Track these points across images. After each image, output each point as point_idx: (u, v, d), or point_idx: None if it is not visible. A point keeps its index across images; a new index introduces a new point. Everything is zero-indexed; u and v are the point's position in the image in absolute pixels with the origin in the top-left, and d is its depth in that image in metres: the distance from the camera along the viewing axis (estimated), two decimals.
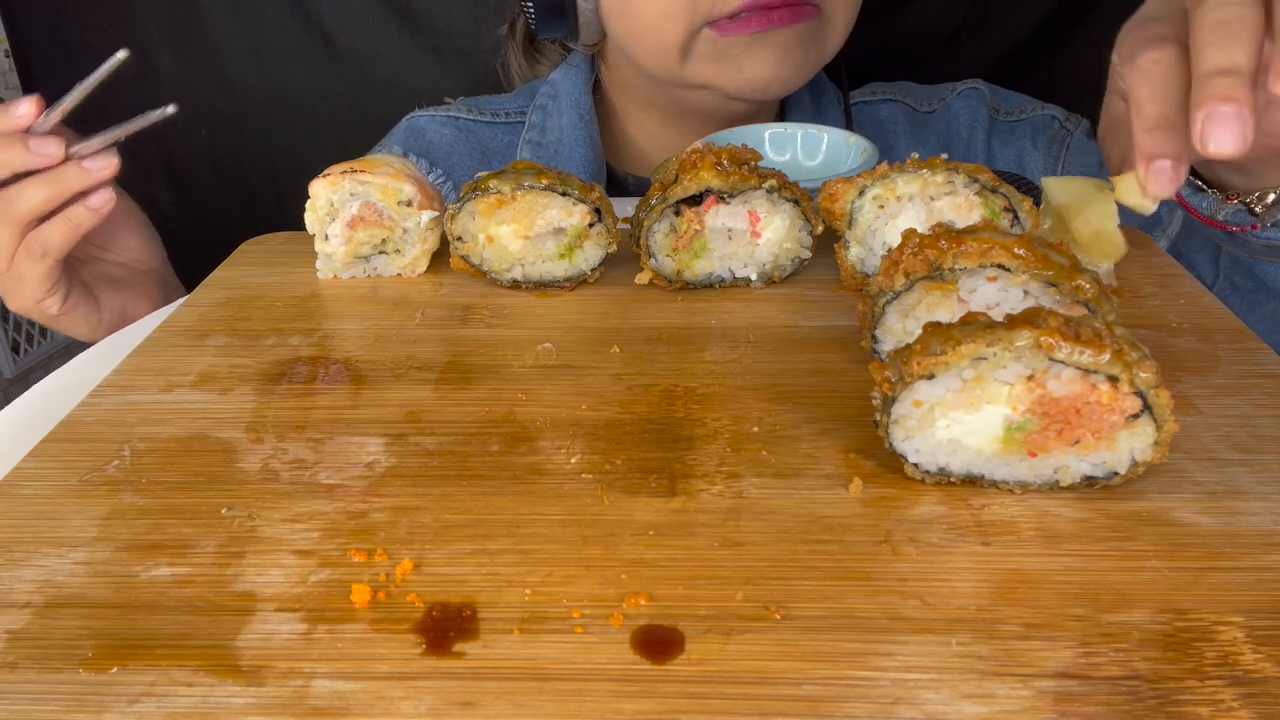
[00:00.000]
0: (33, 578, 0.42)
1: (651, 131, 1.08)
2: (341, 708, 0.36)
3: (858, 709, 0.35)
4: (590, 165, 1.05)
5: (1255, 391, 0.53)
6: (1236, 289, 0.80)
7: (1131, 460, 0.44)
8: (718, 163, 0.63)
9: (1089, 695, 0.35)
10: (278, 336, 0.63)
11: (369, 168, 0.67)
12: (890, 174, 0.63)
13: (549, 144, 1.06)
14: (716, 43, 0.92)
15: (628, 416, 0.53)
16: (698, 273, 0.66)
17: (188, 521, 0.46)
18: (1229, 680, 0.36)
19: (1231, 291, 0.80)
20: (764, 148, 0.88)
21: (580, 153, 1.05)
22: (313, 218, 0.68)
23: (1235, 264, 0.79)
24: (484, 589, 0.41)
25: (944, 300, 0.51)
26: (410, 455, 0.50)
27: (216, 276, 0.72)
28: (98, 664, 0.38)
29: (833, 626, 0.38)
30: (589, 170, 1.05)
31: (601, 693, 0.36)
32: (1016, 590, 0.40)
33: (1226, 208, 0.71)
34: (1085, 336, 0.42)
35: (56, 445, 0.52)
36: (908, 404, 0.45)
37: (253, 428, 0.53)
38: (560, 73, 1.09)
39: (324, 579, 0.42)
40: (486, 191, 0.64)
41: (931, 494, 0.46)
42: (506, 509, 0.46)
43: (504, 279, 0.68)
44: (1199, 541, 0.42)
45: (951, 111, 1.06)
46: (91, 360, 0.65)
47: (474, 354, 0.60)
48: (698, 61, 0.94)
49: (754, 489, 0.46)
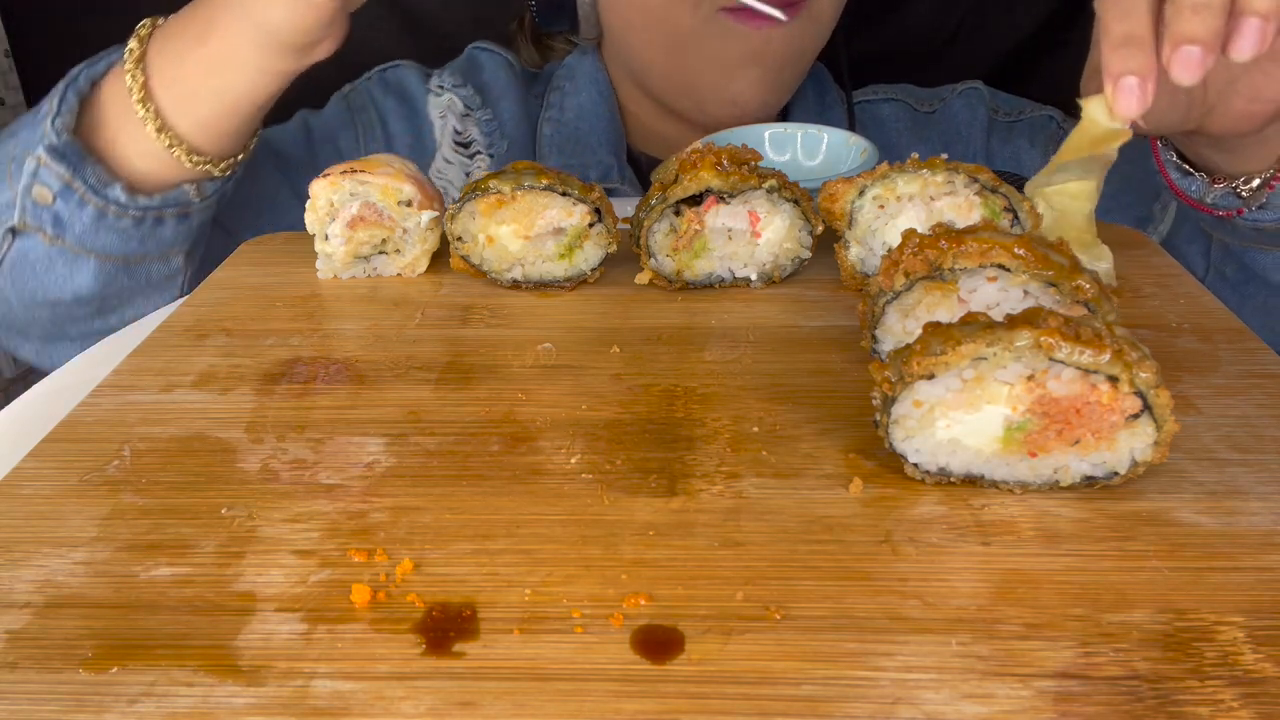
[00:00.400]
0: (33, 578, 0.42)
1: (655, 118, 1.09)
2: (341, 708, 0.36)
3: (858, 709, 0.35)
4: (611, 138, 1.05)
5: (1255, 391, 0.53)
6: (1227, 280, 0.80)
7: (1131, 460, 0.44)
8: (718, 163, 0.63)
9: (1089, 695, 0.35)
10: (278, 336, 0.63)
11: (369, 167, 0.67)
12: (890, 174, 0.63)
13: (568, 121, 1.06)
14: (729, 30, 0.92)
15: (628, 416, 0.53)
16: (698, 273, 0.66)
17: (188, 521, 0.46)
18: (1229, 680, 0.36)
19: (1222, 283, 0.80)
20: (764, 148, 0.88)
21: (601, 127, 1.05)
22: (313, 218, 0.68)
23: (1226, 255, 0.79)
24: (484, 589, 0.41)
25: (944, 300, 0.51)
26: (410, 455, 0.50)
27: (216, 276, 0.72)
28: (98, 664, 0.38)
29: (833, 626, 0.38)
30: (611, 143, 1.05)
31: (601, 693, 0.36)
32: (1016, 590, 0.40)
33: (1214, 191, 0.71)
34: (1085, 336, 0.42)
35: (56, 445, 0.52)
36: (908, 404, 0.45)
37: (253, 428, 0.53)
38: (574, 56, 1.10)
39: (324, 579, 0.42)
40: (486, 191, 0.64)
41: (931, 494, 0.46)
42: (506, 509, 0.46)
43: (504, 279, 0.68)
44: (1199, 541, 0.42)
45: (951, 111, 1.06)
46: (91, 360, 0.65)
47: (474, 354, 0.60)
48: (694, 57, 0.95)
49: (754, 489, 0.46)
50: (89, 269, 0.78)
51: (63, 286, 0.79)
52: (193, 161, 0.76)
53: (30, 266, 0.78)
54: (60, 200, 0.74)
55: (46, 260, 0.78)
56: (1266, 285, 0.77)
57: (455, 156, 1.04)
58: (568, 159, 1.04)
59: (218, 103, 0.75)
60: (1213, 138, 0.67)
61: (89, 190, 0.74)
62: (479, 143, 1.04)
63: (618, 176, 1.04)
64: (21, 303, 0.81)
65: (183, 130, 0.75)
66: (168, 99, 0.75)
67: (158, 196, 0.77)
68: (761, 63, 0.94)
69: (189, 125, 0.75)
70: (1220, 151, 0.69)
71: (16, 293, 0.80)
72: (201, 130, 0.76)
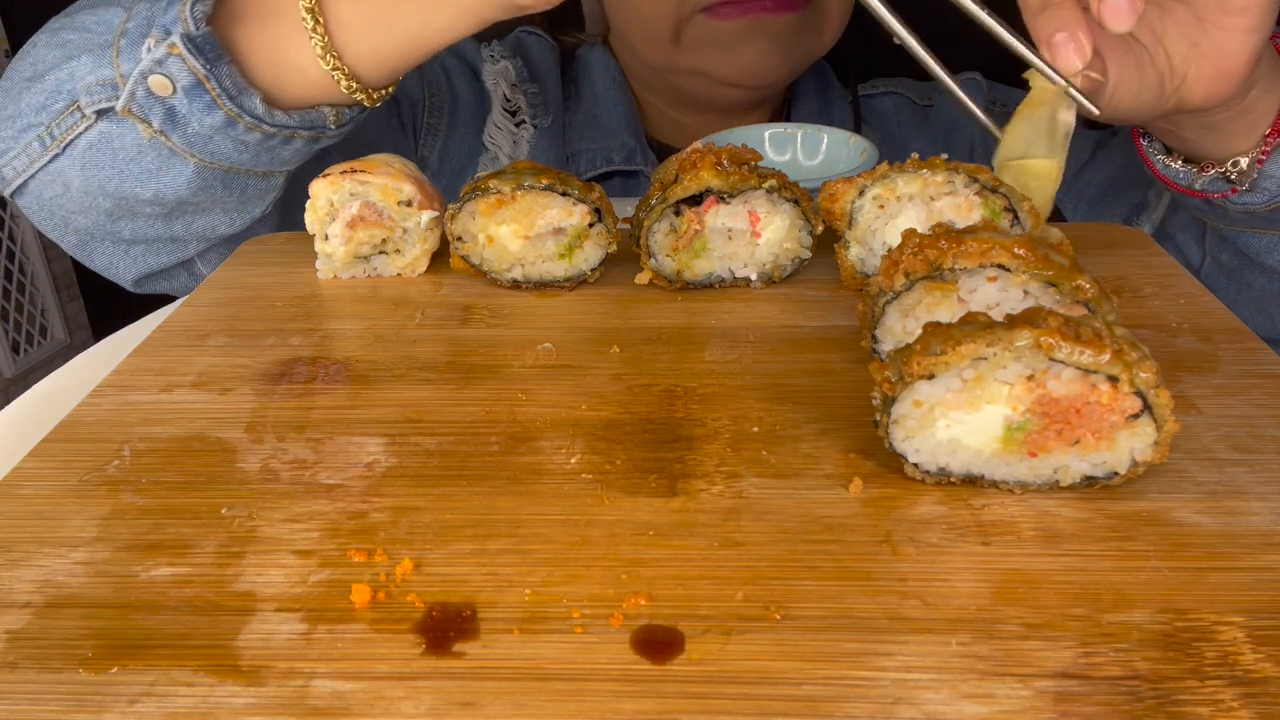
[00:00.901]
0: (33, 578, 0.42)
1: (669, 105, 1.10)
2: (341, 708, 0.36)
3: (858, 709, 0.35)
4: (629, 120, 1.07)
5: (1255, 391, 0.53)
6: (1223, 268, 0.80)
7: (1131, 460, 0.44)
8: (718, 163, 0.63)
9: (1089, 695, 0.35)
10: (278, 336, 0.63)
11: (369, 168, 0.67)
12: (890, 174, 0.63)
13: (586, 110, 1.08)
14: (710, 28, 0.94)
15: (628, 416, 0.53)
16: (698, 273, 0.66)
17: (188, 521, 0.46)
18: (1229, 680, 0.36)
19: (1218, 271, 0.81)
20: (764, 148, 0.88)
21: (619, 112, 1.07)
22: (313, 217, 0.68)
23: (1220, 243, 0.79)
24: (484, 589, 0.41)
25: (944, 300, 0.51)
26: (410, 455, 0.50)
27: (216, 276, 0.72)
28: (98, 664, 0.38)
29: (833, 626, 0.38)
30: (629, 125, 1.07)
31: (601, 693, 0.36)
32: (1016, 590, 0.40)
33: (1203, 177, 0.71)
34: (1085, 336, 0.42)
35: (56, 445, 0.52)
36: (908, 404, 0.45)
37: (253, 428, 0.53)
38: (585, 49, 1.12)
39: (324, 579, 0.42)
40: (486, 191, 0.64)
41: (931, 494, 0.46)
42: (506, 509, 0.46)
43: (504, 279, 0.68)
44: (1199, 541, 0.42)
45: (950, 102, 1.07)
46: (91, 360, 0.65)
47: (474, 354, 0.60)
48: (690, 47, 0.96)
49: (754, 489, 0.46)
50: (186, 172, 0.70)
51: (145, 183, 0.70)
52: (349, 88, 0.68)
53: (113, 154, 0.70)
54: (184, 96, 0.66)
55: (135, 151, 0.69)
56: (1263, 270, 0.77)
57: (504, 123, 1.04)
58: (589, 143, 1.05)
59: (404, 35, 0.67)
60: (1197, 114, 0.67)
61: (223, 94, 0.66)
62: (524, 112, 1.05)
63: (641, 159, 1.05)
64: (84, 189, 0.72)
65: (351, 55, 0.67)
66: (345, 17, 0.66)
67: (295, 114, 0.69)
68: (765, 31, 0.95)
69: (361, 50, 0.67)
70: (1208, 132, 0.69)
71: (83, 177, 0.71)
72: (373, 58, 0.68)
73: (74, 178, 0.72)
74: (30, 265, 2.03)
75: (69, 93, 0.69)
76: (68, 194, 0.74)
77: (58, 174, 0.72)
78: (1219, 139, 0.69)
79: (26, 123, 0.71)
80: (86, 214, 0.75)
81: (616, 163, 1.04)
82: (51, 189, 0.73)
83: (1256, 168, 0.69)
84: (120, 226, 0.76)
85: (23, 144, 0.71)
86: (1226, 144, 0.70)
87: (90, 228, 0.77)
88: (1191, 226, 0.83)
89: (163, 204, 0.73)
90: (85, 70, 0.68)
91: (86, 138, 0.70)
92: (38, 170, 0.72)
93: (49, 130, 0.70)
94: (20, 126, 0.71)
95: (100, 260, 0.80)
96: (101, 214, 0.75)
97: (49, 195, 0.74)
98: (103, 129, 0.69)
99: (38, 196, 0.75)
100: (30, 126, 0.71)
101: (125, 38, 0.67)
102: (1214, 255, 0.81)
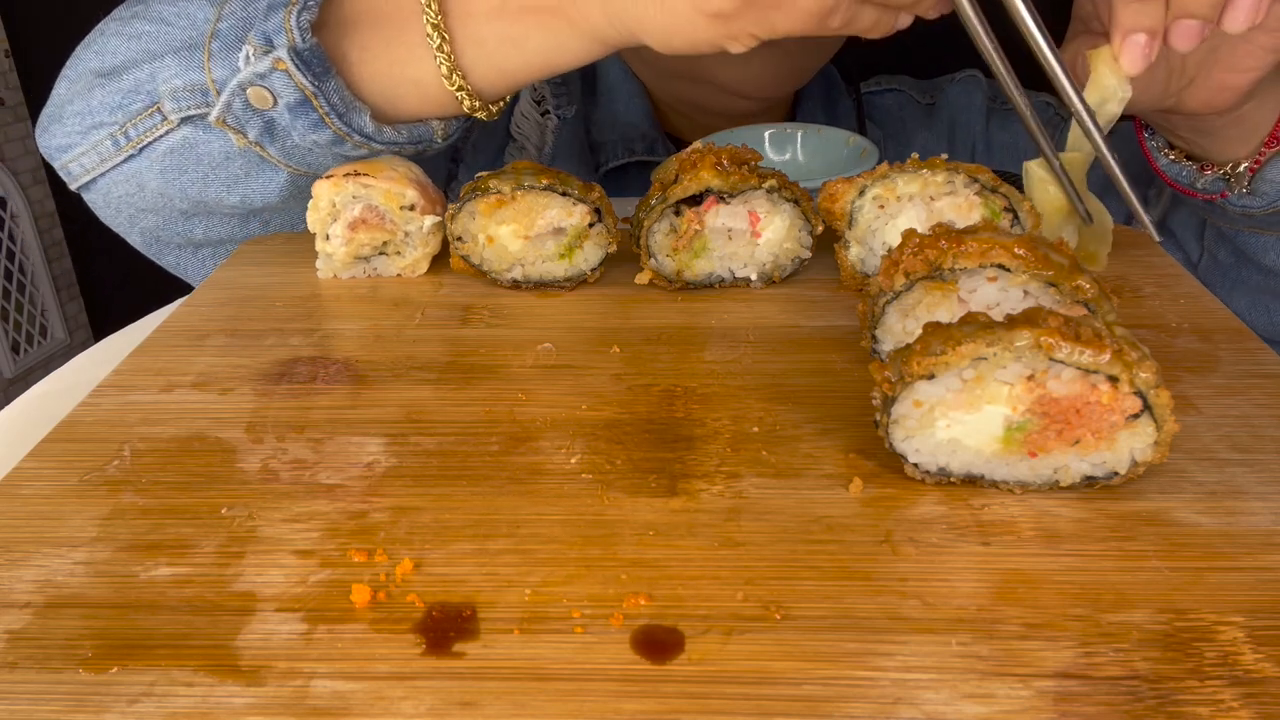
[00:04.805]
0: (33, 578, 0.42)
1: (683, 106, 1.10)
2: (341, 708, 0.36)
3: (858, 709, 0.35)
4: (643, 109, 1.06)
5: (1255, 391, 0.53)
6: (1220, 264, 0.81)
7: (1131, 460, 0.44)
8: (718, 163, 0.63)
9: (1089, 695, 0.35)
10: (278, 336, 0.63)
11: (372, 171, 0.67)
12: (890, 174, 0.63)
13: (605, 105, 1.07)
14: None
15: (628, 416, 0.53)
16: (698, 273, 0.66)
17: (188, 521, 0.46)
18: (1229, 680, 0.36)
19: (1215, 267, 0.81)
20: (764, 148, 0.88)
21: (636, 106, 1.06)
22: (314, 218, 0.68)
23: (1219, 239, 0.80)
24: (484, 589, 0.41)
25: (944, 300, 0.51)
26: (410, 455, 0.50)
27: (216, 276, 0.72)
28: (98, 664, 0.38)
29: (833, 626, 0.38)
30: (644, 114, 1.06)
31: (601, 693, 0.36)
32: (1016, 590, 0.40)
33: (1204, 177, 0.72)
34: (1085, 336, 0.42)
35: (56, 445, 0.52)
36: (908, 404, 0.45)
37: (253, 428, 0.53)
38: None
39: (324, 579, 0.42)
40: (486, 192, 0.64)
41: (931, 494, 0.46)
42: (506, 509, 0.46)
43: (504, 279, 0.68)
44: (1199, 541, 0.42)
45: (950, 98, 1.07)
46: (91, 360, 0.65)
47: (474, 354, 0.60)
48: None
49: (754, 489, 0.46)
50: (278, 179, 0.67)
51: (231, 189, 0.67)
52: (470, 107, 0.65)
53: (196, 160, 0.66)
54: (287, 111, 0.62)
55: (222, 158, 0.66)
56: (1260, 269, 0.77)
57: (530, 111, 1.02)
58: (609, 135, 1.05)
59: (535, 58, 0.64)
60: (1189, 117, 0.67)
61: (330, 112, 0.62)
62: (549, 102, 1.03)
63: (662, 149, 1.04)
64: (161, 190, 0.68)
65: (477, 74, 0.63)
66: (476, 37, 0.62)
67: (404, 130, 0.66)
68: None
69: (487, 70, 0.64)
70: (1202, 135, 0.70)
71: (162, 180, 0.67)
72: (498, 76, 0.64)
73: (151, 180, 0.68)
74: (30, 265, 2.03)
75: (149, 94, 0.65)
76: (141, 194, 0.70)
77: (132, 174, 0.69)
78: (1212, 143, 0.70)
79: (98, 120, 0.67)
80: (159, 213, 0.72)
81: (639, 152, 1.03)
82: (124, 188, 0.70)
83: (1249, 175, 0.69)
84: (193, 226, 0.73)
85: (92, 141, 0.68)
86: (1220, 149, 0.70)
87: (159, 226, 0.73)
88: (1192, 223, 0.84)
89: (249, 209, 0.70)
90: (170, 73, 0.64)
91: (168, 141, 0.66)
92: (109, 169, 0.69)
93: (124, 130, 0.67)
94: (90, 123, 0.67)
95: (169, 259, 0.77)
96: (175, 214, 0.71)
97: (119, 194, 0.71)
98: (186, 134, 0.65)
99: (106, 194, 0.71)
100: (101, 125, 0.67)
101: (217, 40, 0.63)
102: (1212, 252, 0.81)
